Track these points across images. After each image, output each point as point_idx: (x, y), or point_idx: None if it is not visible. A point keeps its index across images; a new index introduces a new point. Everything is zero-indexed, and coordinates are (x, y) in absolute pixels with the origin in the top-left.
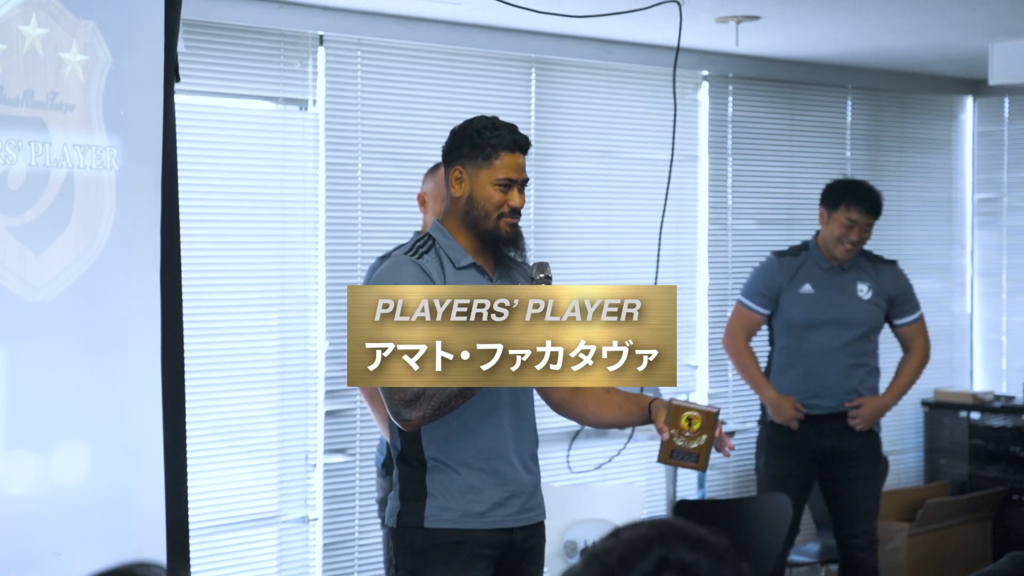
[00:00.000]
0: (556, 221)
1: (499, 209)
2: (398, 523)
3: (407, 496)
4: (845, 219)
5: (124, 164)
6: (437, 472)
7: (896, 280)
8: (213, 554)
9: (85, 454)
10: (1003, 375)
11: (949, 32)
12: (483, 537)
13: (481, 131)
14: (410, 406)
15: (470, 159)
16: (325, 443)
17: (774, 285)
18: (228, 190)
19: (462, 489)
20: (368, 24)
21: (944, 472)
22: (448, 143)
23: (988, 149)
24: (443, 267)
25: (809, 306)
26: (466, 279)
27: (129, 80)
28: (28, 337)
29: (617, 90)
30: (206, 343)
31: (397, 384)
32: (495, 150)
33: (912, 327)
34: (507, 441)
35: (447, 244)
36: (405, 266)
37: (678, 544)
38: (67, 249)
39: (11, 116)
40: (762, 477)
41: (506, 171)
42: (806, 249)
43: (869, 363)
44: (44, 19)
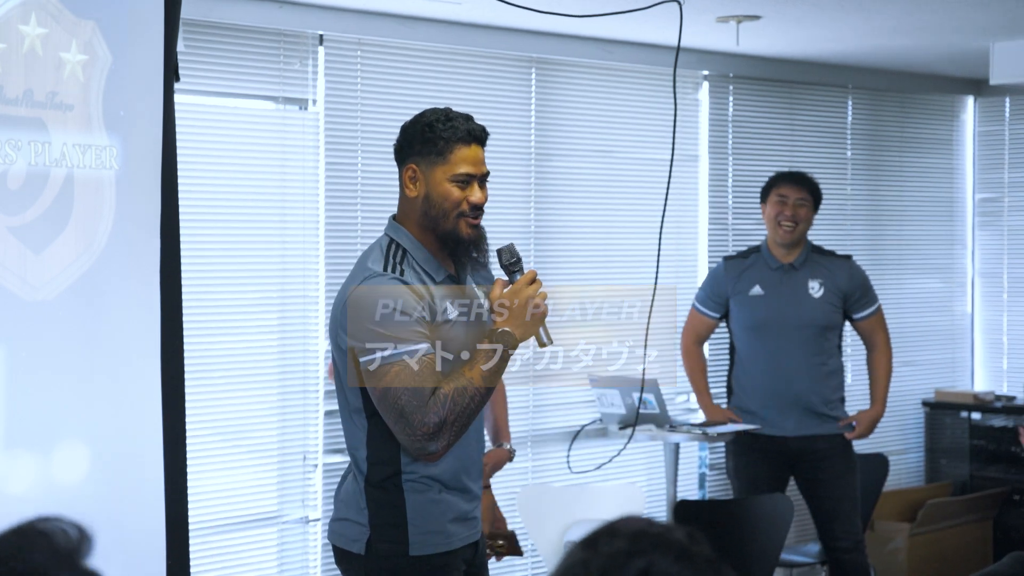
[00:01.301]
0: (556, 221)
1: (458, 208)
2: (368, 551)
3: (380, 521)
4: (776, 197)
5: (124, 164)
6: (415, 494)
7: (850, 274)
8: (213, 554)
9: (85, 454)
10: (1004, 375)
11: (950, 32)
12: (461, 554)
13: (432, 124)
14: (434, 439)
15: (423, 155)
16: (325, 443)
17: (720, 289)
18: (228, 190)
19: (443, 511)
20: (368, 24)
21: (945, 472)
22: (399, 140)
23: (989, 149)
24: (424, 282)
25: (758, 307)
26: (447, 294)
27: (129, 80)
28: (28, 337)
29: (617, 90)
30: (206, 343)
31: (398, 384)
32: (449, 144)
33: (870, 320)
34: (471, 454)
35: (419, 255)
36: (396, 287)
37: (657, 555)
38: (67, 249)
39: (11, 116)
40: (734, 479)
41: (463, 165)
42: (757, 251)
43: (829, 363)
44: (44, 19)
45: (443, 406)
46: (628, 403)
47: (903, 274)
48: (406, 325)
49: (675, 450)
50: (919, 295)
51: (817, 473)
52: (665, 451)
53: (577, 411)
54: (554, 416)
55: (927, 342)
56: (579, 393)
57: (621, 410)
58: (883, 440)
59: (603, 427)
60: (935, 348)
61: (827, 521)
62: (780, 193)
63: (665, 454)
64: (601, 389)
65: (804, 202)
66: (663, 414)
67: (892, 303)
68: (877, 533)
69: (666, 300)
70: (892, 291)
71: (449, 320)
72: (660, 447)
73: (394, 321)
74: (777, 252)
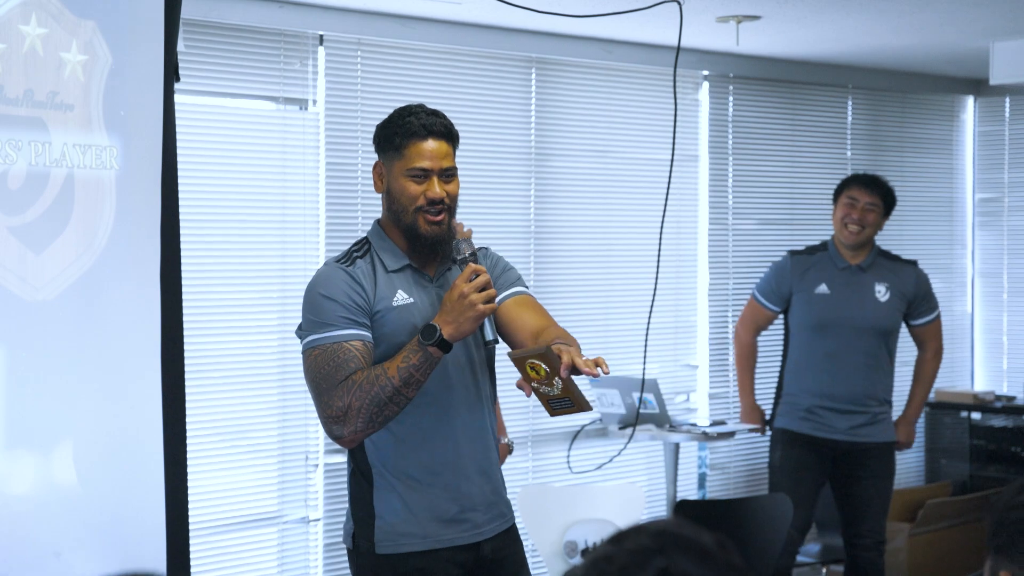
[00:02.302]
0: (556, 221)
1: (415, 202)
2: (354, 545)
3: (357, 516)
4: (846, 199)
5: (124, 164)
6: (384, 490)
7: (916, 280)
8: (214, 554)
9: (85, 454)
10: (1004, 375)
11: (950, 32)
12: (446, 556)
13: (391, 121)
14: (340, 422)
15: (384, 152)
16: (326, 443)
17: (784, 284)
18: (228, 190)
19: (413, 508)
20: (368, 24)
21: (945, 472)
22: (373, 140)
23: (989, 149)
24: (375, 271)
25: (823, 306)
26: (400, 283)
27: (129, 80)
28: (28, 337)
29: (617, 90)
30: (206, 343)
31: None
32: (404, 139)
33: (928, 328)
34: (459, 451)
35: (382, 246)
36: (334, 274)
37: (680, 555)
38: (67, 249)
39: (11, 116)
40: (776, 471)
41: (418, 160)
42: (824, 249)
43: (884, 366)
44: (44, 19)
45: (349, 391)
46: (628, 403)
47: None
48: (332, 310)
49: (675, 450)
50: None
51: (859, 470)
52: (665, 451)
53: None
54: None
55: None
56: None
57: (621, 410)
58: None
59: (603, 427)
60: None
61: (855, 517)
62: (851, 195)
63: (665, 454)
64: (601, 389)
65: (874, 207)
66: (663, 414)
67: None
68: None
69: (666, 300)
70: None
71: (392, 307)
72: (660, 447)
73: (321, 307)
74: (844, 252)
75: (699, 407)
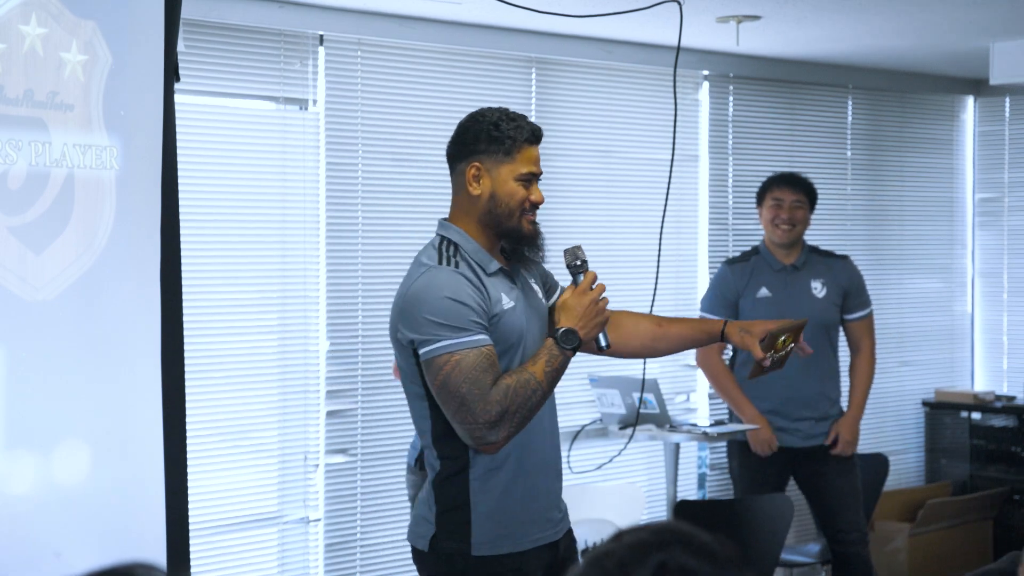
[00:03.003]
0: (556, 221)
1: (521, 206)
2: (431, 547)
3: (445, 519)
4: (771, 200)
5: (124, 164)
6: (482, 493)
7: (849, 273)
8: (214, 555)
9: (85, 454)
10: (1004, 375)
11: (950, 32)
12: (535, 555)
13: (498, 123)
14: (494, 428)
15: (489, 154)
16: (326, 443)
17: (730, 291)
18: (228, 190)
19: (511, 511)
20: (368, 24)
21: (945, 472)
22: (459, 137)
23: (989, 149)
24: (477, 275)
25: (765, 309)
26: (500, 286)
27: (129, 80)
28: (28, 337)
29: (617, 90)
30: (206, 343)
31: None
32: (515, 143)
33: (861, 323)
34: (547, 452)
35: (472, 249)
36: (454, 278)
37: (679, 550)
38: (67, 249)
39: (11, 116)
40: (736, 481)
41: (527, 165)
42: (756, 253)
43: (831, 361)
44: (44, 19)
45: (505, 395)
46: (628, 403)
47: (903, 274)
48: (464, 316)
49: (675, 450)
50: (919, 295)
51: (821, 468)
52: (665, 451)
53: (577, 411)
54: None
55: (927, 342)
56: (579, 393)
57: (621, 410)
58: (883, 440)
59: (603, 427)
60: (935, 348)
61: (832, 515)
62: (775, 196)
63: (665, 454)
64: (601, 389)
65: (800, 204)
66: (663, 414)
67: (892, 303)
68: (877, 533)
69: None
70: (892, 291)
71: (504, 311)
72: (660, 447)
73: (452, 311)
74: (778, 253)
75: (699, 407)
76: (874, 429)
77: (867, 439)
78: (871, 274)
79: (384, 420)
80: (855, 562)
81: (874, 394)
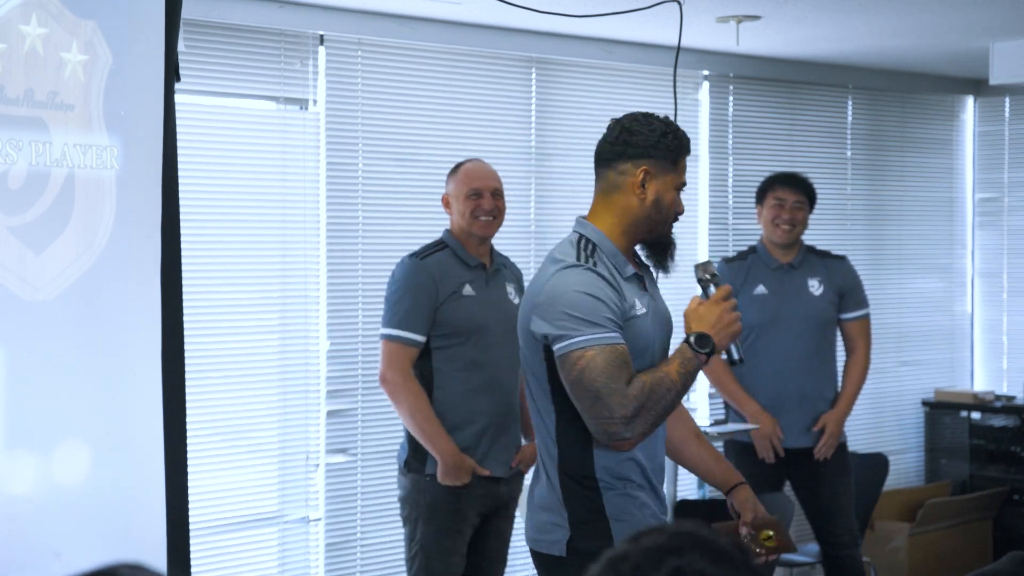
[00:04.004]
0: (556, 221)
1: (676, 215)
2: (569, 551)
3: (579, 519)
4: (773, 200)
5: (124, 164)
6: (611, 491)
7: (845, 273)
8: (214, 554)
9: (85, 454)
10: (1004, 375)
11: (950, 32)
12: None
13: (667, 132)
14: (630, 425)
15: (658, 160)
16: (327, 443)
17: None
18: (228, 190)
19: (641, 508)
20: (368, 24)
21: (945, 472)
22: (626, 138)
23: (989, 149)
24: (614, 277)
25: (762, 307)
26: (633, 291)
27: (129, 80)
28: (28, 337)
29: (617, 90)
30: (207, 343)
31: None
32: (679, 155)
33: (857, 324)
34: (658, 457)
35: (611, 252)
36: (591, 277)
37: (695, 554)
38: (67, 249)
39: (11, 116)
40: None
41: (684, 175)
42: (753, 252)
43: (827, 360)
44: (44, 19)
45: (642, 391)
46: None
47: (903, 274)
48: (600, 312)
49: None
50: (919, 295)
51: (817, 469)
52: None
53: None
54: None
55: (927, 342)
56: None
57: None
58: (883, 440)
59: None
60: (935, 348)
61: (826, 519)
62: (778, 196)
63: None
64: None
65: (801, 204)
66: None
67: (892, 303)
68: (877, 533)
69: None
70: (892, 291)
71: (637, 315)
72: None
73: (589, 307)
74: (775, 252)
75: (699, 407)
76: (874, 429)
77: (867, 439)
78: (871, 274)
79: (384, 420)
80: (848, 564)
81: (874, 394)
